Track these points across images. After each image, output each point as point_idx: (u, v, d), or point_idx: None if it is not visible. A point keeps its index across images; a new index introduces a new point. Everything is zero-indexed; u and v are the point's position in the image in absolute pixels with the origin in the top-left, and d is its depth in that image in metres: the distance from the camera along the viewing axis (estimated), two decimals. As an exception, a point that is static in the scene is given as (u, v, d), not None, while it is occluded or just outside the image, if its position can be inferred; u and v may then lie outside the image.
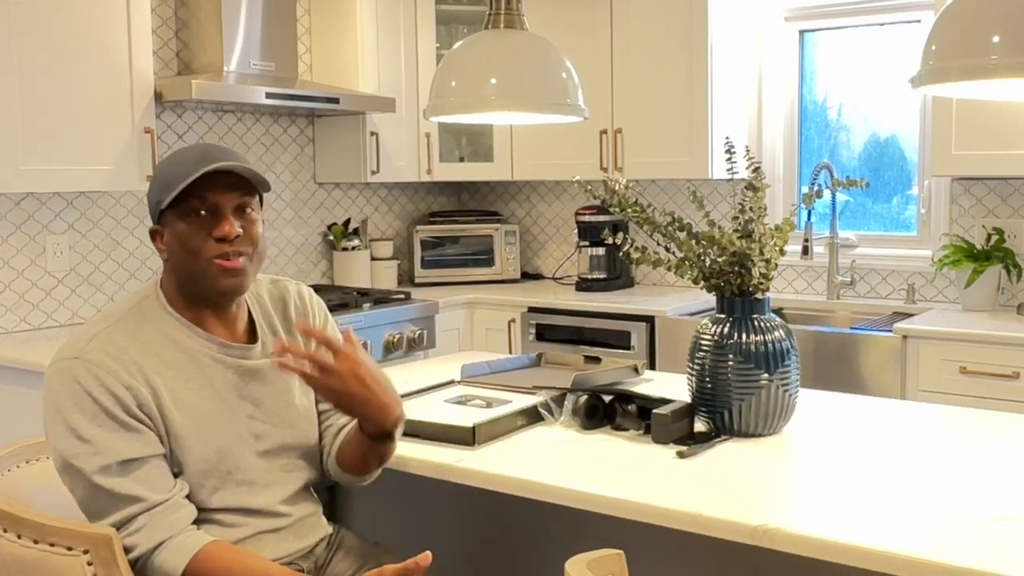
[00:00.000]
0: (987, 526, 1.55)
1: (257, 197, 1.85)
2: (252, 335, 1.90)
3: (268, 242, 4.53)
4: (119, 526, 1.66)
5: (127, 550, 1.65)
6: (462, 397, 2.33)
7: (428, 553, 1.64)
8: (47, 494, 1.90)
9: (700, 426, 2.10)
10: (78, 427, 1.67)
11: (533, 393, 2.30)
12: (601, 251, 4.54)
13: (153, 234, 1.83)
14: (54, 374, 1.72)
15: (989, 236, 3.78)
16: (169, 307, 1.82)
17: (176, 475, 1.76)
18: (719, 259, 2.08)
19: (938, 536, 1.52)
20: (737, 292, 2.09)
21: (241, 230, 1.78)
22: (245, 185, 1.80)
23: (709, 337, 2.08)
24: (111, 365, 1.71)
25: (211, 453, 1.78)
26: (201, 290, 1.81)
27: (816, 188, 2.24)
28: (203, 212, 1.76)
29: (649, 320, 3.98)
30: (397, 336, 4.01)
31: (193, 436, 1.76)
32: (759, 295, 2.09)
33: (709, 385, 2.06)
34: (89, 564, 1.58)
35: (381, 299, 4.17)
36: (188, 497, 1.75)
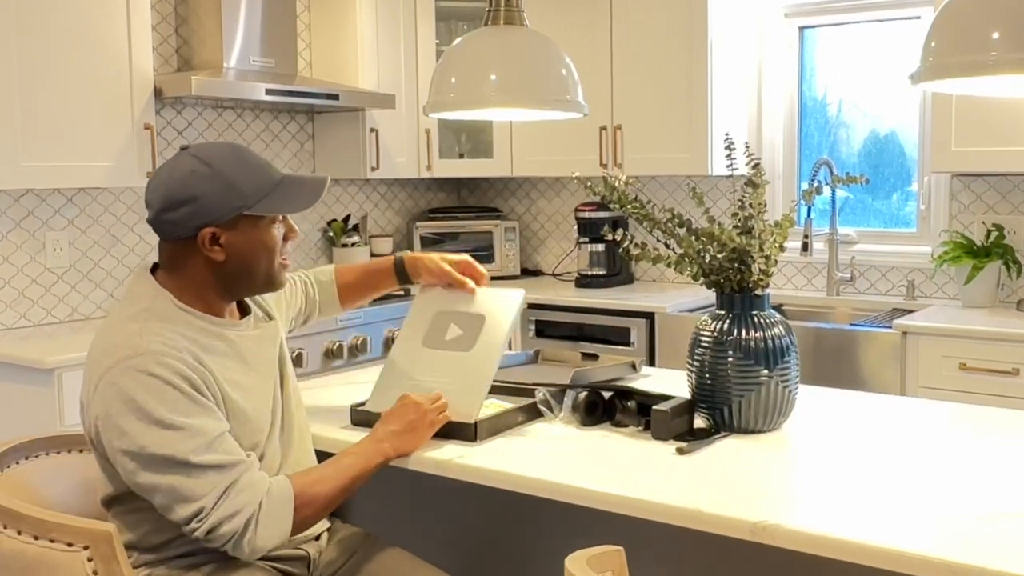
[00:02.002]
0: (987, 522, 1.55)
1: None
2: (245, 310, 1.99)
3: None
4: (220, 497, 1.68)
5: (229, 518, 1.68)
6: (437, 314, 2.30)
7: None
8: (47, 490, 1.91)
9: (700, 422, 2.10)
10: (163, 417, 1.68)
11: (533, 390, 2.30)
12: (601, 247, 4.54)
13: (210, 236, 1.80)
14: (120, 375, 1.70)
15: (989, 232, 3.78)
16: (183, 304, 1.83)
17: None
18: (719, 255, 2.08)
19: (938, 533, 1.52)
20: (737, 288, 2.09)
21: None
22: None
23: (709, 333, 2.08)
24: (173, 352, 1.73)
25: (264, 423, 1.86)
26: (252, 288, 1.91)
27: (816, 184, 2.24)
28: (280, 218, 1.89)
29: (649, 316, 3.98)
30: (397, 332, 4.01)
31: (249, 410, 1.82)
32: (759, 291, 2.09)
33: (709, 381, 2.06)
34: (89, 560, 1.58)
35: (381, 296, 4.17)
36: None
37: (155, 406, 1.68)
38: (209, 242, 1.80)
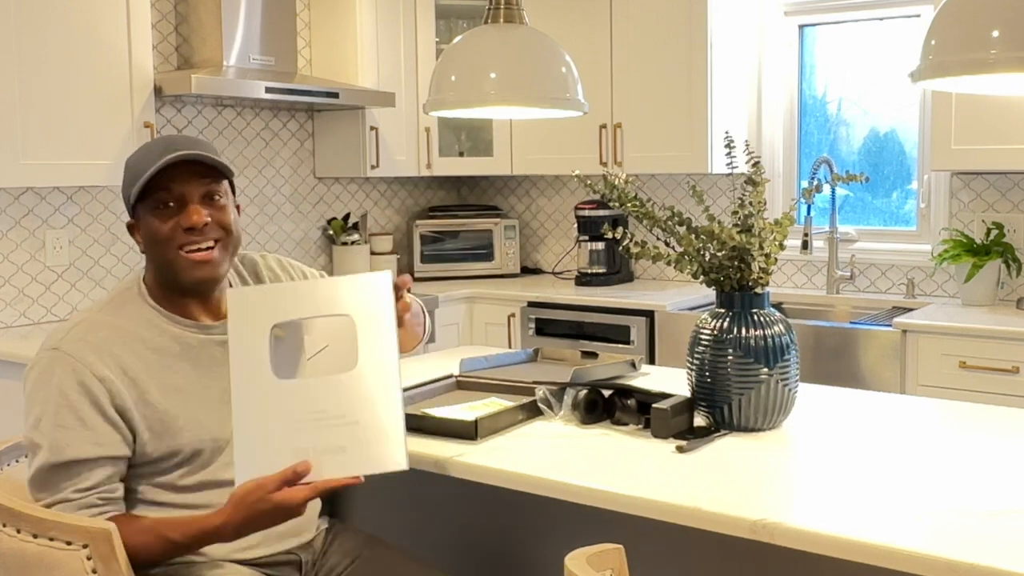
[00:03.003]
0: (986, 521, 1.55)
1: (226, 184, 1.86)
2: None
3: (268, 236, 4.52)
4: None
5: None
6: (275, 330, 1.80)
7: (307, 462, 1.65)
8: (47, 489, 1.90)
9: (700, 421, 2.10)
10: (42, 420, 1.72)
11: (532, 388, 2.30)
12: (601, 245, 4.53)
13: (130, 228, 1.87)
14: (34, 364, 1.77)
15: (989, 231, 3.78)
16: (149, 298, 1.84)
17: (167, 459, 1.77)
18: (719, 253, 2.08)
19: (938, 531, 1.52)
20: (737, 286, 2.09)
21: (209, 218, 1.81)
22: (211, 173, 1.83)
23: (709, 332, 2.08)
24: (88, 357, 1.73)
25: (205, 433, 1.79)
26: (179, 280, 1.83)
27: (816, 183, 2.24)
28: (171, 203, 1.80)
29: (649, 314, 3.98)
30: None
31: (183, 418, 1.77)
32: (759, 289, 2.09)
33: (709, 380, 2.06)
34: (88, 558, 1.58)
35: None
36: (161, 488, 1.79)
37: (42, 405, 1.72)
38: (135, 234, 1.86)
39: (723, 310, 2.09)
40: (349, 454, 1.65)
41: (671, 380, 2.42)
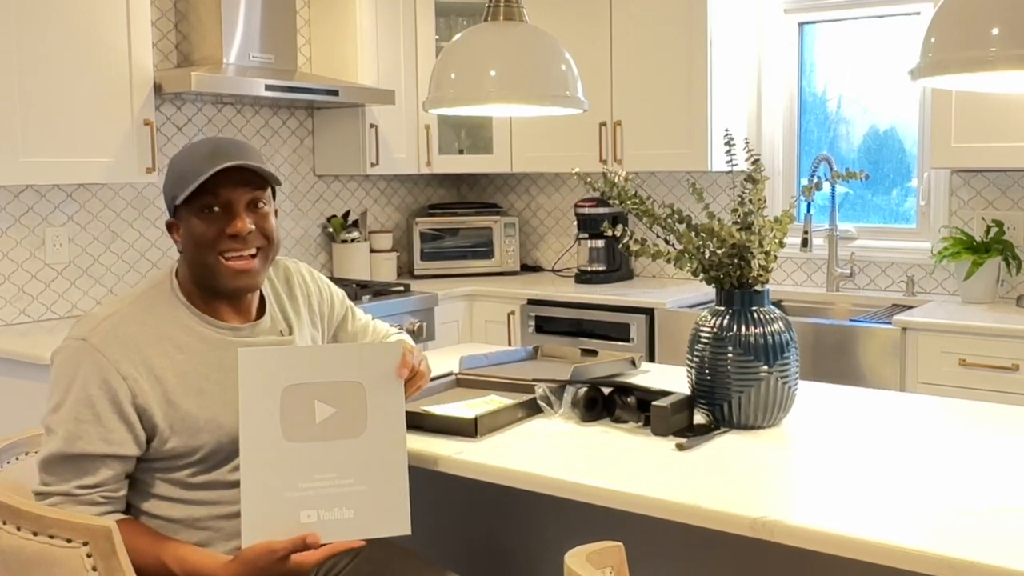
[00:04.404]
0: (986, 518, 1.55)
1: (269, 190, 1.90)
2: (261, 313, 1.95)
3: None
4: (42, 495, 1.73)
5: None
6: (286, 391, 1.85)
7: (316, 535, 1.70)
8: (47, 486, 1.90)
9: (699, 418, 2.10)
10: (61, 408, 1.74)
11: (532, 386, 2.30)
12: (600, 243, 4.53)
13: (170, 226, 1.87)
14: (61, 350, 1.78)
15: (988, 228, 3.78)
16: (181, 295, 1.86)
17: (187, 457, 1.79)
18: (718, 251, 2.08)
19: (937, 528, 1.52)
20: (736, 284, 2.09)
21: (253, 226, 1.84)
22: (256, 180, 1.86)
23: (708, 329, 2.08)
24: (114, 353, 1.75)
25: (224, 435, 1.80)
26: (216, 285, 1.85)
27: (815, 180, 2.24)
28: (216, 208, 1.82)
29: (648, 312, 3.98)
30: (396, 328, 4.01)
31: (203, 419, 1.80)
32: (758, 287, 2.09)
33: (708, 377, 2.06)
34: (88, 556, 1.58)
35: (380, 291, 4.17)
36: (157, 495, 1.81)
37: (62, 393, 1.74)
38: (174, 233, 1.87)
39: (723, 308, 2.09)
40: (356, 518, 1.74)
41: (671, 378, 2.42)
